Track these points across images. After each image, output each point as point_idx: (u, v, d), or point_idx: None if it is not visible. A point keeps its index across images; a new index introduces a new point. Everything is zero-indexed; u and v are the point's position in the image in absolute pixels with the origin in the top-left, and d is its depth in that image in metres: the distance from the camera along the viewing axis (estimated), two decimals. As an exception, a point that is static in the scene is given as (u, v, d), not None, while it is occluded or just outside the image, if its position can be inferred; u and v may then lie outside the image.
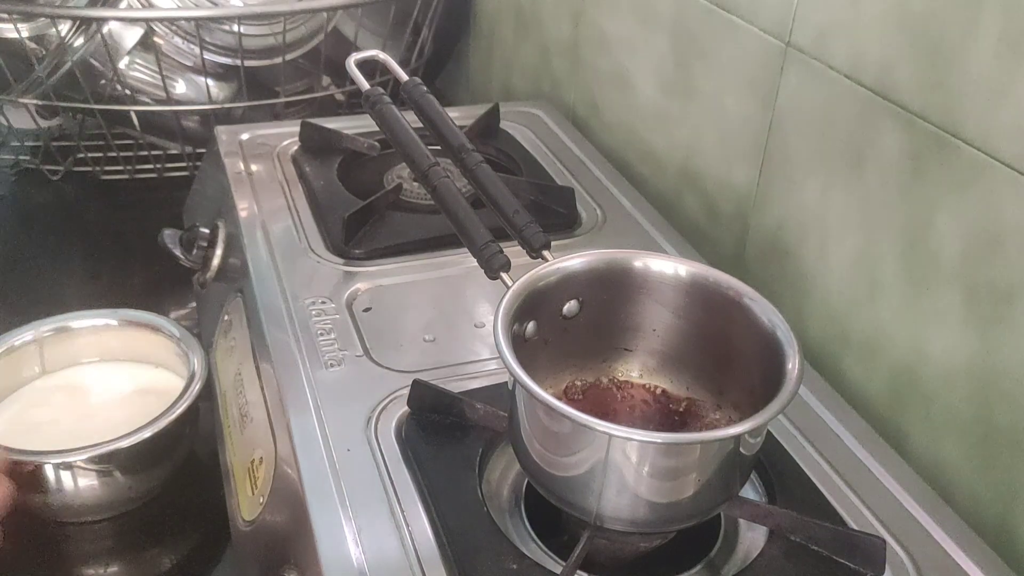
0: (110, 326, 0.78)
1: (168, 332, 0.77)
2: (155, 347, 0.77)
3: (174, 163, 1.18)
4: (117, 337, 0.78)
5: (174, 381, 0.75)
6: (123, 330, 0.78)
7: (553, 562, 0.50)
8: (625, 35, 0.92)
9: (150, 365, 0.78)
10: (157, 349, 0.77)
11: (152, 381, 0.77)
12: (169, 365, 0.77)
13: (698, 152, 0.83)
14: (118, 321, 0.78)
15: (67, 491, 0.66)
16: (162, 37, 1.08)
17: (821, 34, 0.65)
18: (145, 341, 0.77)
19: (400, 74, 0.63)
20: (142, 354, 0.78)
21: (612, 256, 0.53)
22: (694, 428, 0.53)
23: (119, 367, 0.78)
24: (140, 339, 0.78)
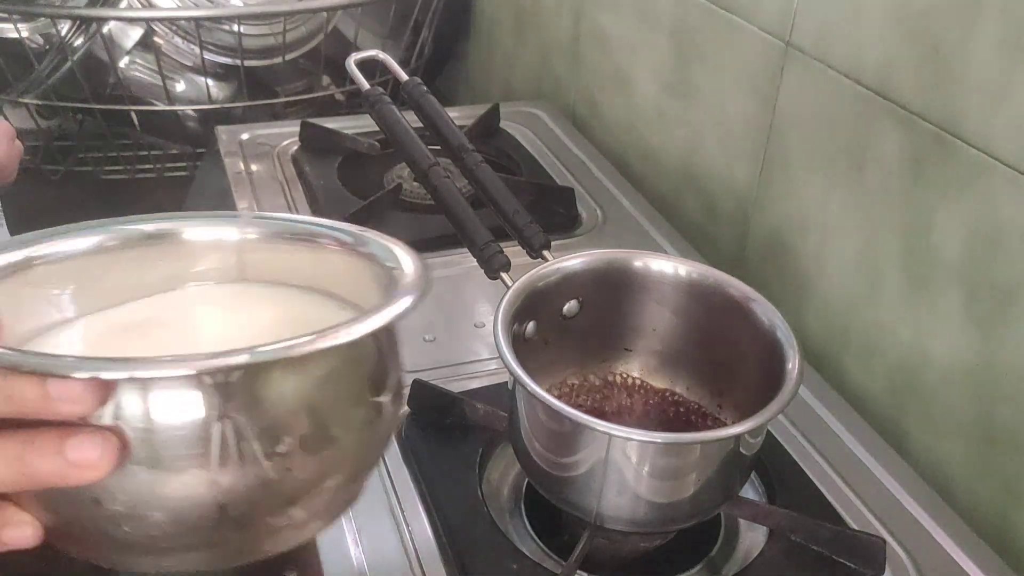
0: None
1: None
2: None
3: (174, 163, 1.18)
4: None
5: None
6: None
7: (553, 562, 0.50)
8: (625, 35, 0.92)
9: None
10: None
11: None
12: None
13: (698, 152, 0.83)
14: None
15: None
16: (162, 37, 1.07)
17: (821, 34, 0.65)
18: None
19: (400, 74, 0.63)
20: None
21: (612, 256, 0.53)
22: (694, 428, 0.53)
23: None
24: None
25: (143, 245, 0.43)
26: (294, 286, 0.41)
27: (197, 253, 0.42)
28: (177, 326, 0.40)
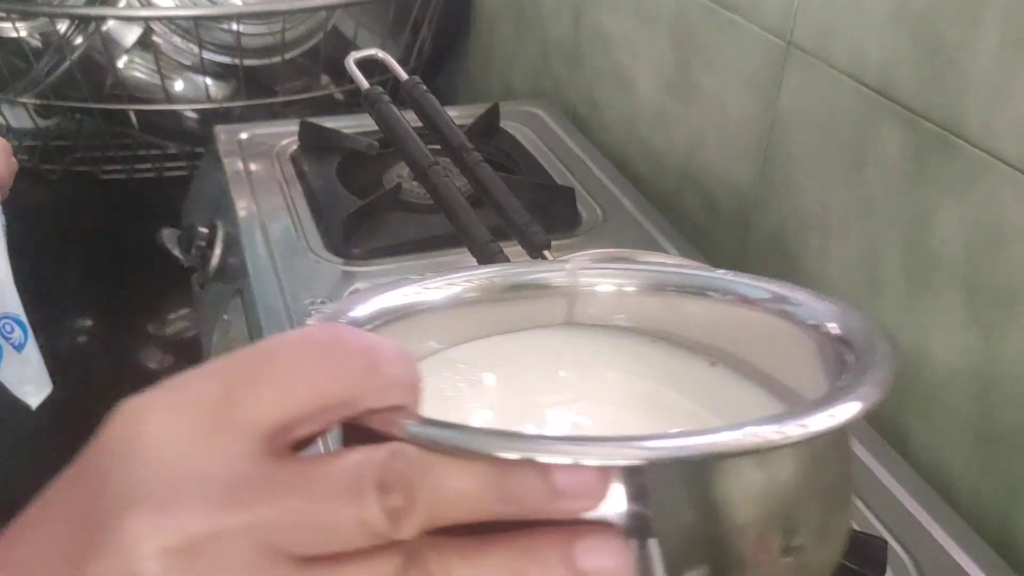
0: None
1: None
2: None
3: (173, 162, 1.18)
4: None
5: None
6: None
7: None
8: (626, 34, 0.92)
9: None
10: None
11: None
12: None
13: (699, 151, 0.83)
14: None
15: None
16: (161, 36, 1.07)
17: (822, 33, 0.65)
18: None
19: (400, 73, 0.63)
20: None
21: (612, 256, 0.53)
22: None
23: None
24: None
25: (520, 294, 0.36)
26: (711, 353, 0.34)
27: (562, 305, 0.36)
28: (580, 385, 0.34)
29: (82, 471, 0.23)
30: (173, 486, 0.21)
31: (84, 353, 0.98)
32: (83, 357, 0.98)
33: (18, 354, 0.76)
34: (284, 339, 0.23)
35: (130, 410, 0.22)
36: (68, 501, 0.23)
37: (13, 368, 0.76)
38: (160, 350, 1.00)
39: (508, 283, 0.35)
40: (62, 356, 0.96)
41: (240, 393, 0.22)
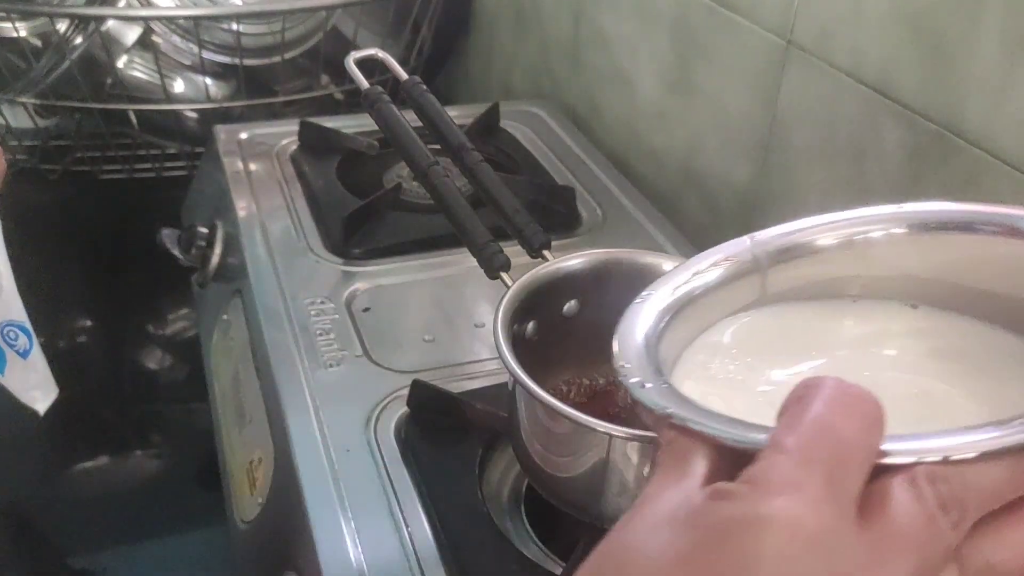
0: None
1: None
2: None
3: (172, 162, 1.18)
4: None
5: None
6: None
7: (553, 563, 0.49)
8: (625, 34, 0.92)
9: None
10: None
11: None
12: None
13: (699, 151, 0.83)
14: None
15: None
16: (160, 36, 1.07)
17: (822, 32, 0.65)
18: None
19: (400, 73, 0.63)
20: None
21: (612, 256, 0.53)
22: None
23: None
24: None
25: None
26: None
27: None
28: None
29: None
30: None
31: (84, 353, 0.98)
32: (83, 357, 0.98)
33: (23, 361, 0.76)
34: (829, 407, 0.24)
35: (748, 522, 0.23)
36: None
37: (19, 375, 0.77)
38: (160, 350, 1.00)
39: (764, 253, 0.36)
40: (62, 356, 0.96)
41: (839, 475, 0.23)
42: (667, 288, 0.34)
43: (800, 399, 0.24)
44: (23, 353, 0.76)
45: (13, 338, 0.76)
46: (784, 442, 0.23)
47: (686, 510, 0.24)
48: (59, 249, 1.10)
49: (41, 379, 0.77)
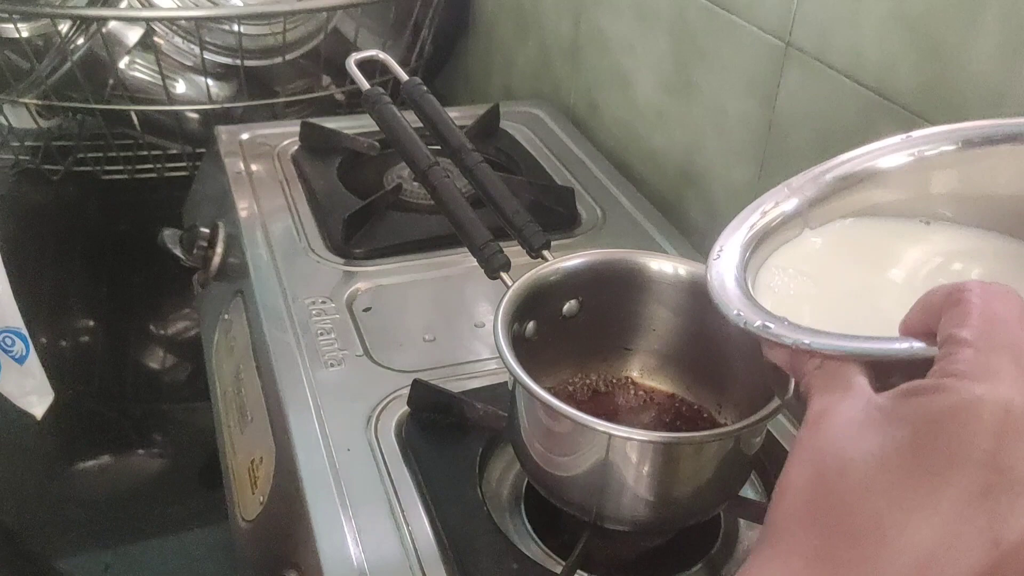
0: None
1: None
2: None
3: (174, 163, 1.18)
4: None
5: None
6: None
7: (553, 562, 0.50)
8: (625, 35, 0.92)
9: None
10: None
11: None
12: None
13: (698, 152, 0.83)
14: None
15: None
16: (162, 37, 1.08)
17: (821, 34, 0.65)
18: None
19: (400, 74, 0.63)
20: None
21: (612, 256, 0.53)
22: (694, 428, 0.53)
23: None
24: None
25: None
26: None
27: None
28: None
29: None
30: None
31: (86, 353, 0.98)
32: (85, 357, 0.98)
33: (20, 366, 0.77)
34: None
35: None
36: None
37: (15, 380, 0.77)
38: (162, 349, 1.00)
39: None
40: (63, 356, 0.97)
41: (1022, 357, 0.25)
42: (734, 242, 0.37)
43: (957, 300, 0.26)
44: (19, 359, 0.77)
45: (10, 344, 0.76)
46: (965, 337, 0.25)
47: (882, 412, 0.26)
48: (61, 249, 1.11)
49: (37, 384, 0.78)
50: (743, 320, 0.32)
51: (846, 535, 0.25)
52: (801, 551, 0.26)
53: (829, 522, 0.25)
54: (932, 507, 0.24)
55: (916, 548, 0.24)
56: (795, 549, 0.26)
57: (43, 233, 1.14)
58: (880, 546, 0.24)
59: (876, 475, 0.25)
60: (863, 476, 0.25)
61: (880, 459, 0.25)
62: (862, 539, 0.25)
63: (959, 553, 0.24)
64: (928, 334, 0.28)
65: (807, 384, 0.30)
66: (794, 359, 0.31)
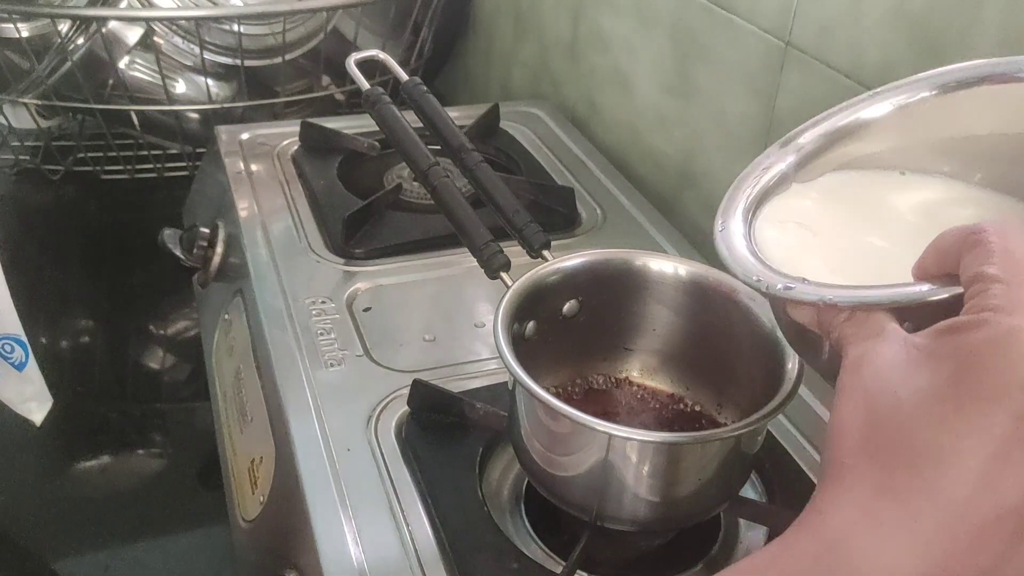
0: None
1: None
2: None
3: (174, 163, 1.18)
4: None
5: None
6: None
7: (553, 562, 0.50)
8: (625, 35, 0.92)
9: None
10: None
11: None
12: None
13: (698, 151, 0.83)
14: None
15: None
16: (162, 37, 1.08)
17: (821, 33, 0.65)
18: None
19: (400, 74, 0.63)
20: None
21: (612, 256, 0.53)
22: (694, 427, 0.53)
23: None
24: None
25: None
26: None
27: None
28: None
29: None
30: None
31: (86, 353, 0.98)
32: (85, 357, 0.98)
33: (19, 373, 0.77)
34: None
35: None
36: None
37: (14, 387, 0.77)
38: (161, 349, 1.00)
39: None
40: (63, 356, 0.97)
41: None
42: (736, 210, 0.38)
43: (976, 240, 0.28)
44: (19, 366, 0.77)
45: (9, 351, 0.76)
46: (994, 273, 0.27)
47: (922, 350, 0.28)
48: (61, 249, 1.11)
49: (37, 391, 0.78)
50: (764, 285, 0.33)
51: (906, 465, 0.27)
52: (867, 483, 0.27)
53: (888, 455, 0.27)
54: (983, 430, 0.26)
55: (973, 469, 0.26)
56: (860, 481, 0.27)
57: (43, 233, 1.14)
58: (939, 471, 0.26)
59: (928, 407, 0.27)
60: (915, 409, 0.27)
61: (930, 392, 0.27)
62: (922, 467, 0.26)
63: (1011, 468, 0.25)
64: (944, 276, 0.29)
65: (839, 336, 0.31)
66: (822, 316, 0.32)
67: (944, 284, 0.29)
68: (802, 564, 0.27)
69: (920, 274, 0.30)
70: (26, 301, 0.91)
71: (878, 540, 0.26)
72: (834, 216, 0.38)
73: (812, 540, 0.28)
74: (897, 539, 0.26)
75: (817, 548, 0.27)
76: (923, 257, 0.30)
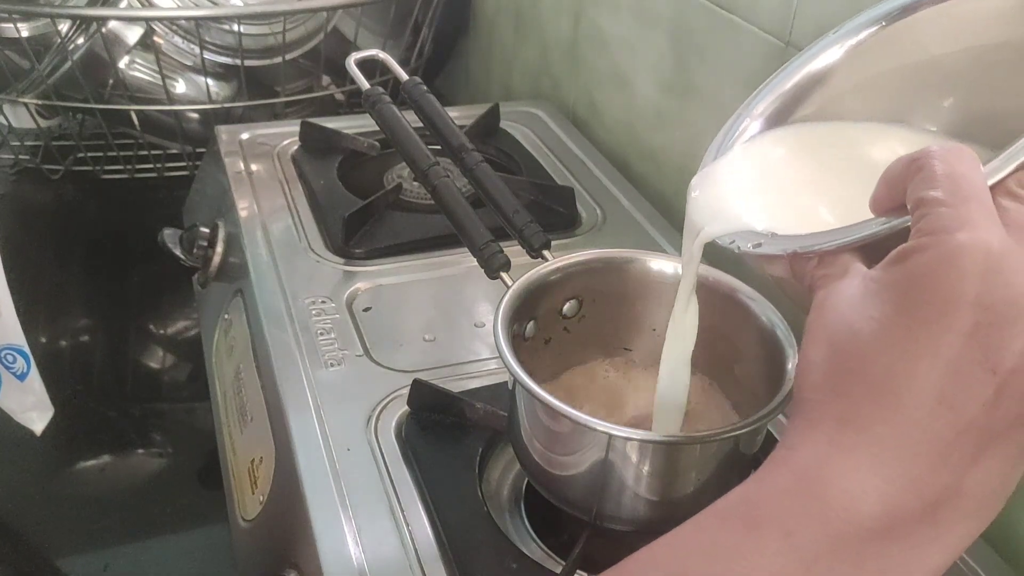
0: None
1: None
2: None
3: (174, 163, 1.18)
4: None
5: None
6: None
7: (553, 561, 0.50)
8: (625, 35, 0.92)
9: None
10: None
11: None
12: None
13: (698, 151, 0.82)
14: None
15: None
16: (162, 36, 1.08)
17: (821, 33, 0.65)
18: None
19: (400, 73, 0.63)
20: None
21: (612, 255, 0.53)
22: (694, 427, 0.53)
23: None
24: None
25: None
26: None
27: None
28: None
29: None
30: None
31: (86, 352, 0.98)
32: (85, 356, 0.98)
33: (20, 383, 0.77)
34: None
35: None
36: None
37: (15, 397, 0.77)
38: (161, 349, 1.00)
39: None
40: (62, 355, 0.97)
41: (988, 205, 0.28)
42: (709, 175, 0.40)
43: (919, 166, 0.29)
44: (20, 376, 0.77)
45: (11, 361, 0.76)
46: (936, 196, 0.28)
47: (876, 282, 0.29)
48: (61, 249, 1.11)
49: (38, 400, 0.78)
50: (737, 247, 0.34)
51: (865, 395, 0.27)
52: (830, 415, 0.28)
53: (848, 387, 0.28)
54: (933, 352, 0.26)
55: (928, 391, 0.26)
56: (824, 415, 0.28)
57: (43, 233, 1.14)
58: (896, 397, 0.27)
59: (880, 336, 0.28)
60: (869, 339, 0.28)
61: (882, 321, 0.28)
62: (880, 395, 0.27)
63: (964, 386, 0.26)
64: (898, 207, 0.30)
65: (810, 283, 0.32)
66: (794, 267, 0.33)
67: (897, 216, 0.30)
68: (775, 497, 0.28)
69: (875, 208, 0.31)
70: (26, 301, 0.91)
71: (845, 468, 0.27)
72: (801, 168, 0.39)
73: (783, 473, 0.29)
74: (862, 465, 0.27)
75: (787, 481, 0.28)
76: (876, 191, 0.31)
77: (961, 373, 0.26)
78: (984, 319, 0.26)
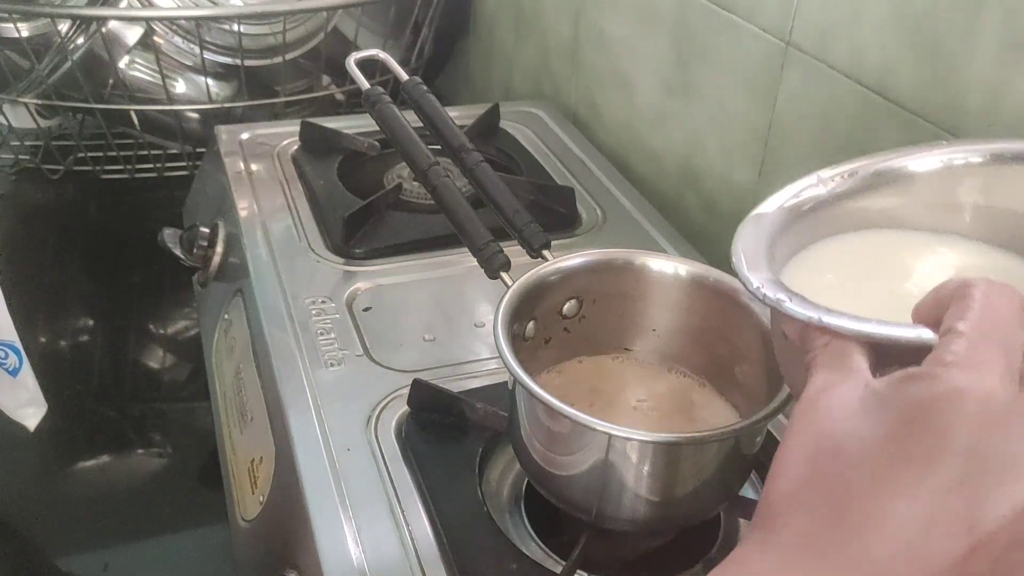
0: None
1: None
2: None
3: (174, 163, 1.18)
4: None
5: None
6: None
7: (553, 562, 0.50)
8: (625, 35, 0.92)
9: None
10: None
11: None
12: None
13: (698, 152, 0.83)
14: None
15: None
16: (162, 36, 1.08)
17: (821, 33, 0.65)
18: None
19: (400, 73, 0.63)
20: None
21: (612, 255, 0.53)
22: (694, 427, 0.53)
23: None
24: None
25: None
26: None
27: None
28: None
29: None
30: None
31: (85, 352, 0.98)
32: (84, 356, 0.98)
33: (13, 379, 0.77)
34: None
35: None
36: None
37: (8, 393, 0.77)
38: (161, 349, 1.00)
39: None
40: (62, 355, 0.97)
41: (1012, 353, 0.27)
42: (763, 220, 0.39)
43: (963, 294, 0.28)
44: (13, 372, 0.77)
45: (3, 357, 0.76)
46: (960, 327, 0.27)
47: (877, 396, 0.27)
48: (61, 248, 1.11)
49: (31, 397, 0.78)
50: (762, 293, 0.33)
51: (832, 518, 0.26)
52: (791, 527, 0.27)
53: (818, 504, 0.26)
54: (912, 494, 0.25)
55: (897, 535, 0.25)
56: (787, 531, 0.27)
57: (43, 233, 1.14)
58: (862, 530, 0.25)
59: (863, 459, 0.26)
60: (851, 459, 0.26)
61: (869, 443, 0.26)
62: (846, 522, 0.26)
63: (935, 539, 0.24)
64: (937, 324, 0.28)
65: (811, 360, 0.31)
66: (805, 334, 0.32)
67: (933, 332, 0.28)
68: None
69: (917, 315, 0.30)
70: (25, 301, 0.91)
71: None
72: (859, 274, 0.39)
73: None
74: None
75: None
76: (922, 300, 0.30)
77: (937, 524, 0.24)
78: (973, 472, 0.25)
